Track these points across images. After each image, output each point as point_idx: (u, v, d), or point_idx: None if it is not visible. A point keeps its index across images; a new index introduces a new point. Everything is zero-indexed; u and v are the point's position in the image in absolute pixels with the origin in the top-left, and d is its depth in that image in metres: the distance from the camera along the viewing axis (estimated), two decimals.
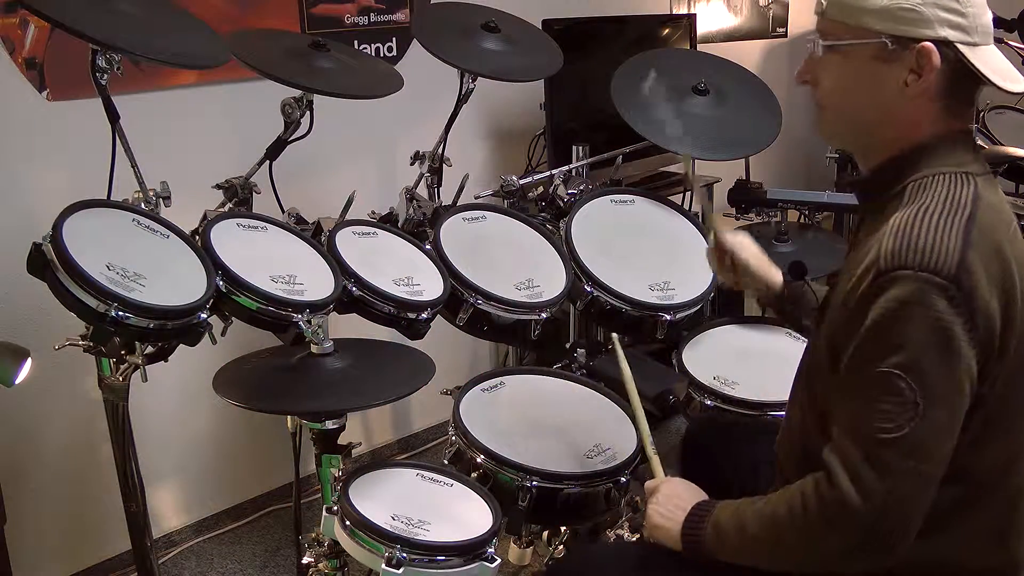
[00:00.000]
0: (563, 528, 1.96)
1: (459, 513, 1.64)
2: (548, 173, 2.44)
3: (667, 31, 3.50)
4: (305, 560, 1.83)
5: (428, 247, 1.99)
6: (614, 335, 1.80)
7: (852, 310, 1.16)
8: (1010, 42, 3.94)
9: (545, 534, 2.01)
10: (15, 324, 2.27)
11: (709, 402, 1.91)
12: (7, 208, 2.23)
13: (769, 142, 2.25)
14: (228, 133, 2.59)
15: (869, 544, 1.15)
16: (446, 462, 1.79)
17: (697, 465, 1.75)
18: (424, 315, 1.84)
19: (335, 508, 1.61)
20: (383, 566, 1.48)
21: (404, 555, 1.49)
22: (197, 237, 1.77)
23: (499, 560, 1.57)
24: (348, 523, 1.57)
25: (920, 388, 1.10)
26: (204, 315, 1.64)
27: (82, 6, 1.70)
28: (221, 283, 1.67)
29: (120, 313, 1.50)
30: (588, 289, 2.02)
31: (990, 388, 1.16)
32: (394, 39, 2.92)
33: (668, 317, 2.00)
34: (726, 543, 1.28)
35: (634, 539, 1.83)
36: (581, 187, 2.34)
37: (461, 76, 2.27)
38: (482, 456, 1.72)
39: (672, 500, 1.37)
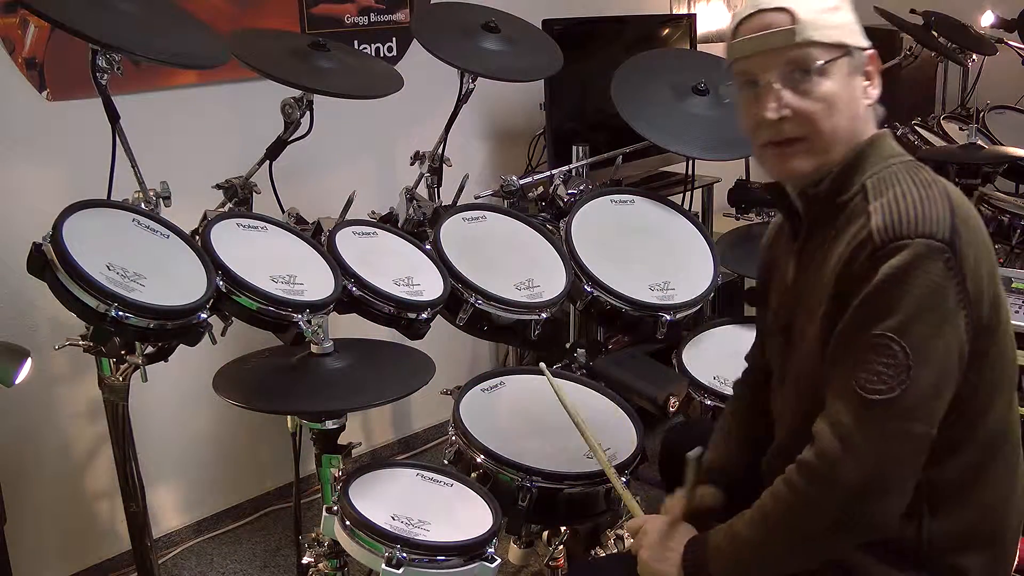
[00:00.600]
0: (563, 528, 1.95)
1: (459, 513, 1.64)
2: (548, 173, 2.44)
3: (667, 31, 3.50)
4: (305, 560, 1.83)
5: (428, 247, 1.99)
6: (541, 364, 1.78)
7: (849, 290, 1.19)
8: (1010, 42, 3.94)
9: (545, 534, 2.01)
10: (15, 324, 2.27)
11: (709, 402, 1.91)
12: (7, 208, 2.23)
13: None
14: (228, 133, 2.59)
15: (852, 511, 1.15)
16: (446, 462, 1.79)
17: (676, 472, 1.75)
18: (424, 315, 1.84)
19: (335, 508, 1.61)
20: (383, 566, 1.48)
21: (404, 555, 1.48)
22: (197, 237, 1.77)
23: (499, 560, 1.57)
24: (348, 523, 1.57)
25: (912, 351, 1.13)
26: (204, 315, 1.64)
27: (82, 6, 1.70)
28: (221, 283, 1.67)
29: (120, 313, 1.50)
30: (588, 289, 2.02)
31: (989, 347, 1.20)
32: (394, 39, 2.92)
33: (668, 317, 2.00)
34: (724, 561, 1.28)
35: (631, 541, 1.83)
36: (581, 187, 2.34)
37: (461, 76, 2.27)
38: (482, 456, 1.72)
39: (662, 541, 1.37)
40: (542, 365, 1.77)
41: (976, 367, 1.19)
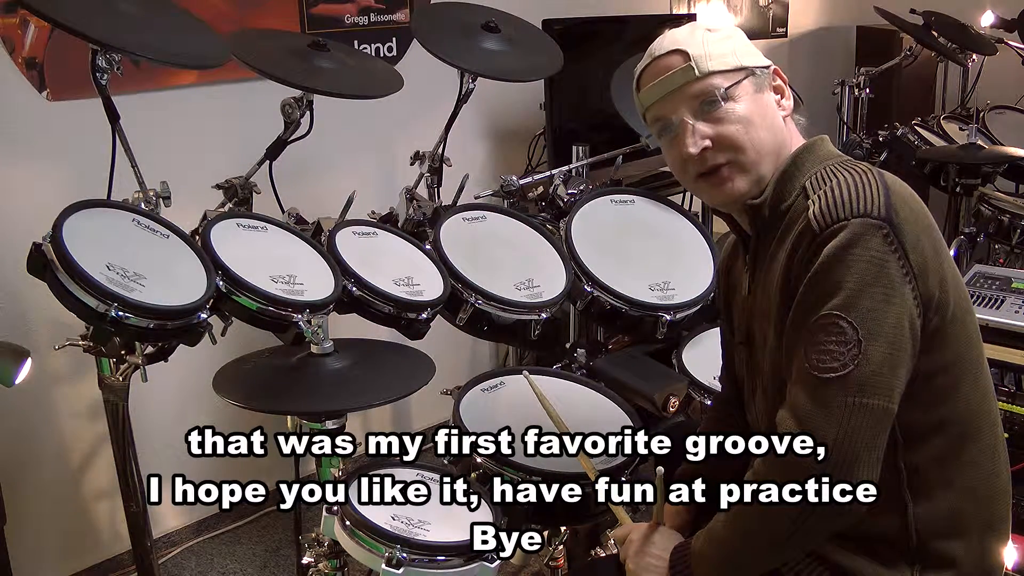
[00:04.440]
0: (563, 528, 1.95)
1: (459, 513, 1.64)
2: (548, 173, 2.44)
3: None
4: (305, 560, 1.83)
5: (428, 247, 1.99)
6: (524, 371, 1.78)
7: (797, 281, 1.21)
8: (1010, 42, 3.94)
9: (545, 534, 2.01)
10: (15, 324, 2.27)
11: (709, 402, 1.91)
12: (7, 208, 2.23)
13: None
14: (228, 133, 2.59)
15: (819, 493, 1.15)
16: (446, 462, 1.79)
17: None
18: (424, 315, 1.84)
19: (335, 508, 1.61)
20: (383, 566, 1.48)
21: (404, 555, 1.48)
22: (197, 237, 1.77)
23: (499, 560, 1.57)
24: (348, 523, 1.57)
25: (861, 325, 1.15)
26: (204, 315, 1.64)
27: (82, 6, 1.70)
28: (221, 283, 1.67)
29: (120, 313, 1.50)
30: (588, 289, 2.02)
31: (945, 324, 1.20)
32: (394, 39, 2.92)
33: (668, 317, 2.00)
34: (707, 563, 1.28)
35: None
36: (581, 187, 2.34)
37: (461, 76, 2.27)
38: (482, 456, 1.72)
39: (648, 550, 1.37)
40: (525, 372, 1.77)
41: (935, 346, 1.20)
